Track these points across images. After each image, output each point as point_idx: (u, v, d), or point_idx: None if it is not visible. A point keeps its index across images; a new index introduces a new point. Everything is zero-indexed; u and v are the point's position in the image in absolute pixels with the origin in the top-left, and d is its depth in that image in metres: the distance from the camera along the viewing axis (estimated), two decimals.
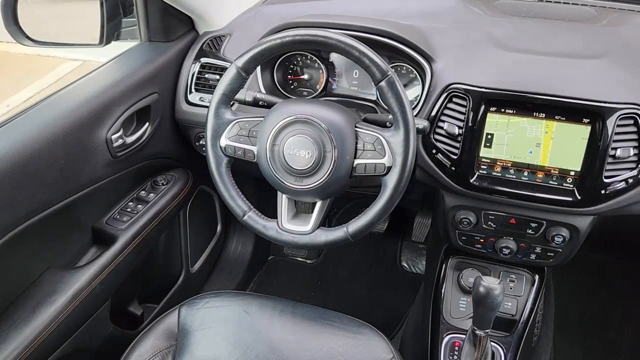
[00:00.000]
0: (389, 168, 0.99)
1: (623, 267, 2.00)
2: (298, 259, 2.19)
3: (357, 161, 1.01)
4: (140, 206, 1.37)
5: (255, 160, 1.07)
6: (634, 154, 1.05)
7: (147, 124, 1.33)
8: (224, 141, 1.07)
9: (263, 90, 1.32)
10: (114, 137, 1.21)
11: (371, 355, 1.07)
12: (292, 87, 1.41)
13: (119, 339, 1.36)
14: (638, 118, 1.03)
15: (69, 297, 1.15)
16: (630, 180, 1.07)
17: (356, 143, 1.01)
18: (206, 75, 1.38)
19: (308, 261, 2.18)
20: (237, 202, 1.09)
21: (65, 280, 1.17)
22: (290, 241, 1.07)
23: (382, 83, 0.97)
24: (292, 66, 1.40)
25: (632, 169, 1.06)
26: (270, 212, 1.11)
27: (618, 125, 1.04)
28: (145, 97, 1.30)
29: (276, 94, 1.36)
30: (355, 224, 1.03)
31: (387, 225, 2.14)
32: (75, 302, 1.16)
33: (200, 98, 1.38)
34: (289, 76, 1.40)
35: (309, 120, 1.01)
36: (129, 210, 1.36)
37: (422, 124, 1.07)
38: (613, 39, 1.19)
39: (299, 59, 1.39)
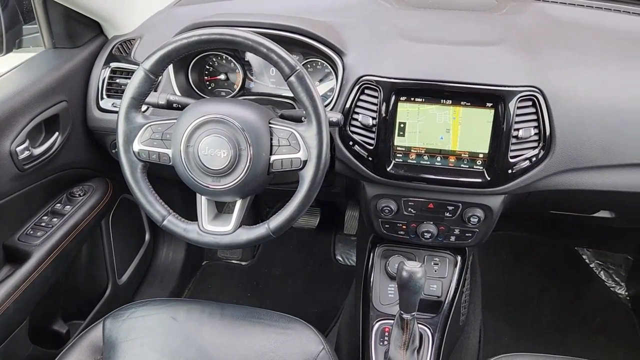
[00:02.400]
0: (305, 162, 1.00)
1: (541, 242, 2.13)
2: (232, 261, 2.18)
3: (273, 157, 1.02)
4: (55, 219, 1.31)
5: (171, 164, 1.05)
6: (535, 134, 1.12)
7: (57, 133, 1.28)
8: (137, 146, 1.04)
9: (178, 93, 1.30)
10: (19, 149, 1.15)
11: (301, 349, 1.08)
12: (210, 88, 1.39)
13: (41, 359, 1.30)
14: (536, 100, 1.10)
15: None
16: (534, 159, 1.13)
17: (271, 139, 1.02)
18: (117, 80, 1.34)
19: (243, 263, 2.17)
20: (155, 207, 1.07)
21: None
22: (212, 242, 1.06)
23: (292, 78, 0.98)
24: (207, 67, 1.38)
25: (534, 147, 1.13)
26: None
27: (518, 107, 1.10)
28: (52, 105, 1.24)
29: (192, 95, 1.35)
30: (276, 220, 1.04)
31: (318, 220, 2.16)
32: None
33: (113, 104, 1.34)
34: (206, 77, 1.39)
35: (221, 119, 1.00)
36: (43, 224, 1.30)
37: (336, 116, 1.09)
38: (511, 26, 1.26)
39: (214, 59, 1.37)
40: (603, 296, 1.98)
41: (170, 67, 1.27)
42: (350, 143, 1.19)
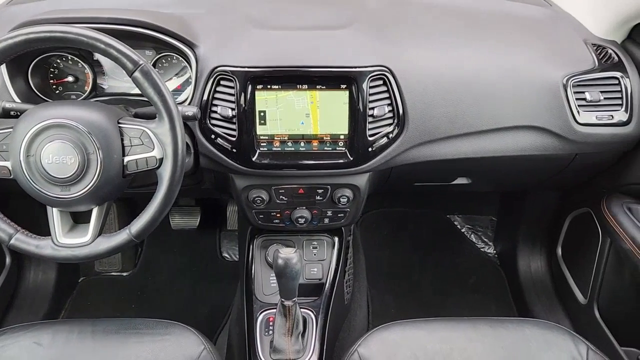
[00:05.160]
0: (161, 160, 0.96)
1: (416, 215, 2.25)
2: (112, 274, 2.05)
3: (127, 158, 0.97)
4: None
5: (12, 177, 0.96)
6: (389, 111, 1.16)
7: None
8: None
9: (17, 99, 1.19)
10: None
11: (181, 353, 1.05)
12: (58, 92, 1.29)
13: None
14: (386, 78, 1.15)
15: None
16: (391, 136, 1.18)
17: (122, 140, 0.96)
18: None
19: (124, 274, 2.06)
20: None
21: None
22: (70, 256, 0.99)
23: (136, 74, 0.93)
24: (51, 69, 1.28)
25: (390, 125, 1.18)
26: None
27: (371, 87, 1.14)
28: None
29: (36, 101, 1.23)
30: (138, 224, 0.99)
31: (199, 219, 2.10)
32: None
33: None
34: (52, 80, 1.29)
35: (63, 123, 0.93)
36: None
37: (191, 110, 1.05)
38: (360, 9, 1.30)
39: (58, 60, 1.28)
40: (475, 257, 2.14)
41: (4, 70, 1.16)
42: (212, 136, 1.17)
